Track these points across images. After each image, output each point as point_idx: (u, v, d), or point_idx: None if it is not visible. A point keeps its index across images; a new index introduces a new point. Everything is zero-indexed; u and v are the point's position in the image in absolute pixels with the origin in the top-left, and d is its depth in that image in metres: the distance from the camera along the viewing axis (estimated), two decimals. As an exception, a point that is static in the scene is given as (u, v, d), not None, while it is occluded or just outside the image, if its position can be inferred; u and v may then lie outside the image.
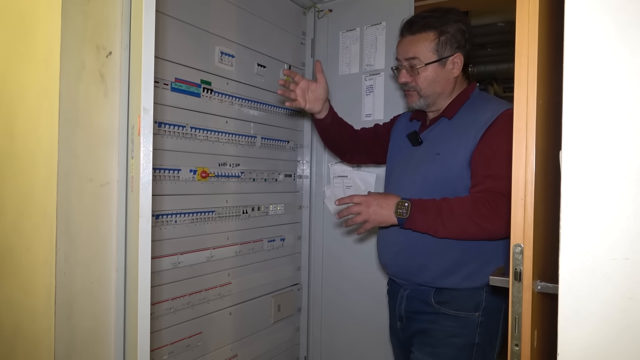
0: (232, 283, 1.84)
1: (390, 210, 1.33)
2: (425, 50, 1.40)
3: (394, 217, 1.33)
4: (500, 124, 1.31)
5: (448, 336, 1.38)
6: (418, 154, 1.49)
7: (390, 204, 1.33)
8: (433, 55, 1.41)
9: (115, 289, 1.10)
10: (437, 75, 1.42)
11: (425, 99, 1.46)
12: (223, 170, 1.78)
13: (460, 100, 1.45)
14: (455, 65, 1.43)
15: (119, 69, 1.10)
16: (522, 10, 0.81)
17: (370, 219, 1.35)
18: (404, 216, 1.31)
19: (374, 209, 1.34)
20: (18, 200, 1.14)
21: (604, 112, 0.65)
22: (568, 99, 0.67)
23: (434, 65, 1.41)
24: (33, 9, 1.10)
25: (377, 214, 1.34)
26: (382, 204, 1.34)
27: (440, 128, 1.46)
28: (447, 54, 1.41)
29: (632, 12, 0.63)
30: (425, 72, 1.42)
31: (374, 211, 1.34)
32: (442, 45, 1.40)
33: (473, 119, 1.37)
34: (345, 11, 2.20)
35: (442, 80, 1.43)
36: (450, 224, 1.28)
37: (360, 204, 1.35)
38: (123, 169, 1.10)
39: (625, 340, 0.63)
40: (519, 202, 0.82)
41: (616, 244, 0.63)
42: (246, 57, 1.88)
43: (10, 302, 1.18)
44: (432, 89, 1.43)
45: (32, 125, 1.09)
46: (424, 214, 1.30)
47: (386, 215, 1.33)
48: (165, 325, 1.55)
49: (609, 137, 0.64)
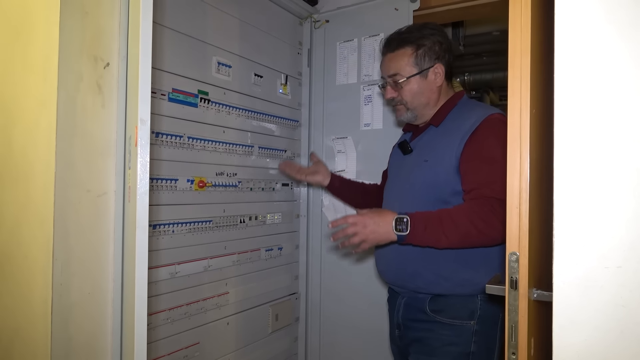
0: (230, 293, 1.83)
1: (387, 228, 1.30)
2: (405, 65, 1.47)
3: (393, 234, 1.30)
4: (486, 129, 1.34)
5: (444, 345, 1.38)
6: (408, 162, 1.52)
7: (388, 221, 1.31)
8: (413, 69, 1.47)
9: (112, 299, 1.10)
10: (420, 86, 1.48)
11: (413, 111, 1.51)
12: (220, 180, 1.78)
13: (446, 108, 1.49)
14: (437, 75, 1.48)
15: (116, 80, 1.11)
16: (514, 21, 0.82)
17: (368, 239, 1.32)
18: (404, 232, 1.29)
19: (371, 228, 1.31)
20: (15, 209, 1.14)
21: (596, 121, 0.66)
22: (560, 108, 0.68)
23: (415, 77, 1.47)
24: (31, 21, 1.11)
25: (375, 232, 1.31)
26: (378, 222, 1.31)
27: (428, 136, 1.50)
28: (427, 66, 1.47)
29: (620, 23, 0.64)
30: (409, 85, 1.48)
31: (371, 230, 1.31)
32: (421, 58, 1.46)
33: (458, 126, 1.40)
34: (342, 22, 2.22)
35: (426, 91, 1.48)
36: (452, 234, 1.27)
37: (356, 224, 1.32)
38: (120, 179, 1.10)
39: (619, 348, 0.63)
40: (514, 210, 0.82)
41: (609, 253, 0.64)
42: (243, 67, 1.90)
43: (7, 311, 1.17)
44: (417, 100, 1.49)
45: (30, 136, 1.10)
46: (424, 227, 1.29)
47: (384, 233, 1.31)
48: (162, 335, 1.54)
49: (601, 146, 0.65)
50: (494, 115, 1.37)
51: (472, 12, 2.15)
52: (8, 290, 1.17)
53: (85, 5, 1.05)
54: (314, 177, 1.85)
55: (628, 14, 0.64)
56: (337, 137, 2.22)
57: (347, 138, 2.19)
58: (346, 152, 2.19)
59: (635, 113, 0.63)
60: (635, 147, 0.63)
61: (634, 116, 0.63)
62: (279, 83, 2.11)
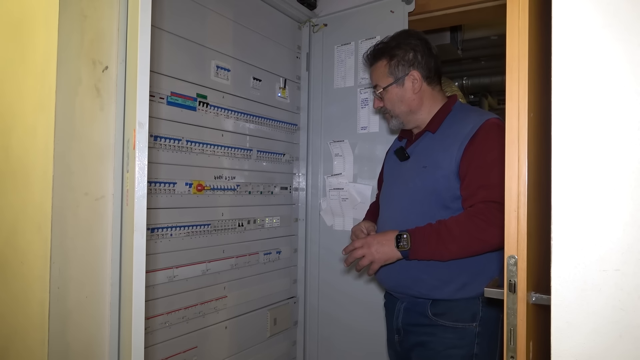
0: (228, 296, 1.83)
1: (391, 246, 1.35)
2: (381, 75, 1.52)
3: (396, 251, 1.35)
4: (484, 134, 1.35)
5: (447, 348, 1.38)
6: (406, 168, 1.52)
7: (390, 239, 1.36)
8: (389, 79, 1.51)
9: (110, 303, 1.10)
10: (398, 95, 1.51)
11: (397, 118, 1.54)
12: (219, 183, 1.78)
13: (442, 114, 1.50)
14: (415, 82, 1.49)
15: (114, 83, 1.11)
16: (512, 25, 0.83)
17: (375, 258, 1.37)
18: (406, 248, 1.33)
19: (375, 247, 1.37)
20: (12, 213, 1.14)
21: (593, 124, 0.66)
22: (557, 111, 0.68)
23: (392, 87, 1.51)
24: (30, 24, 1.11)
25: (379, 252, 1.37)
26: (381, 241, 1.37)
27: (425, 142, 1.51)
28: (402, 74, 1.49)
29: (616, 27, 0.65)
30: (388, 95, 1.52)
31: (376, 250, 1.37)
32: (394, 67, 1.50)
33: (456, 131, 1.41)
34: (340, 26, 2.23)
35: (405, 99, 1.50)
36: (452, 246, 1.30)
37: (362, 247, 1.39)
38: (118, 182, 1.10)
39: (617, 351, 0.63)
40: (512, 214, 0.82)
41: (607, 256, 0.64)
42: (242, 71, 1.90)
43: (3, 316, 1.17)
44: (398, 108, 1.52)
45: (28, 139, 1.09)
46: (424, 243, 1.32)
47: (389, 251, 1.36)
48: (160, 339, 1.54)
49: (599, 149, 0.65)
50: (492, 120, 1.38)
51: (469, 17, 2.16)
52: (5, 295, 1.17)
53: (84, 8, 1.06)
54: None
55: (624, 18, 0.64)
56: (334, 140, 2.22)
57: (344, 141, 2.19)
58: (343, 156, 2.19)
59: (632, 116, 0.63)
60: (632, 151, 0.63)
61: (631, 119, 0.63)
62: (277, 87, 2.11)
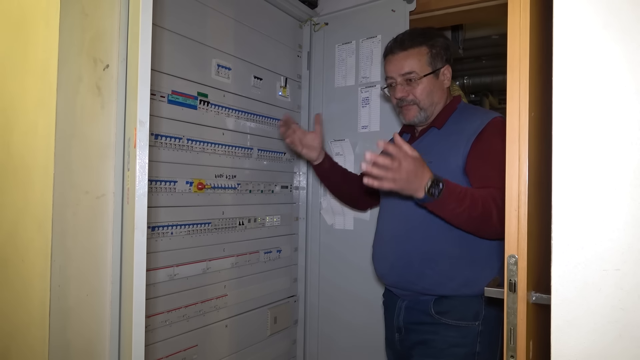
0: (228, 295, 1.83)
1: (420, 184, 1.18)
2: (420, 63, 1.47)
3: (421, 192, 1.18)
4: (492, 130, 1.36)
5: (449, 346, 1.39)
6: None
7: (424, 177, 1.19)
8: (428, 68, 1.47)
9: (110, 301, 1.10)
10: (433, 86, 1.48)
11: (425, 111, 1.50)
12: (219, 182, 1.78)
13: (448, 111, 1.50)
14: (446, 77, 1.51)
15: (115, 81, 1.11)
16: (513, 25, 0.83)
17: (397, 184, 1.18)
18: (435, 197, 1.18)
19: (405, 177, 1.17)
20: (13, 211, 1.14)
21: (594, 124, 0.66)
22: (558, 111, 0.68)
23: (429, 77, 1.47)
24: (30, 22, 1.11)
25: (406, 181, 1.18)
26: (417, 173, 1.18)
27: (430, 138, 1.50)
28: (439, 66, 1.48)
29: (616, 26, 0.65)
30: (423, 84, 1.47)
31: (406, 179, 1.17)
32: (434, 57, 1.47)
33: (462, 128, 1.42)
34: (340, 24, 2.22)
35: (438, 91, 1.50)
36: (473, 211, 1.21)
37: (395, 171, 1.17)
38: (119, 181, 1.10)
39: (618, 351, 0.63)
40: (513, 213, 0.82)
41: (607, 255, 0.64)
42: (243, 70, 1.90)
43: (4, 313, 1.17)
44: (430, 99, 1.49)
45: (29, 137, 1.09)
46: (457, 200, 1.20)
47: (414, 189, 1.19)
48: (160, 337, 1.54)
49: (600, 149, 0.65)
50: (498, 119, 1.40)
51: (471, 16, 2.16)
52: (5, 293, 1.17)
53: (85, 6, 1.06)
54: (310, 152, 1.71)
55: (624, 18, 0.64)
56: (335, 139, 2.22)
57: (345, 140, 2.19)
58: (344, 155, 2.19)
59: (632, 116, 0.63)
60: (633, 150, 0.63)
61: (632, 119, 0.63)
62: (278, 85, 2.11)
